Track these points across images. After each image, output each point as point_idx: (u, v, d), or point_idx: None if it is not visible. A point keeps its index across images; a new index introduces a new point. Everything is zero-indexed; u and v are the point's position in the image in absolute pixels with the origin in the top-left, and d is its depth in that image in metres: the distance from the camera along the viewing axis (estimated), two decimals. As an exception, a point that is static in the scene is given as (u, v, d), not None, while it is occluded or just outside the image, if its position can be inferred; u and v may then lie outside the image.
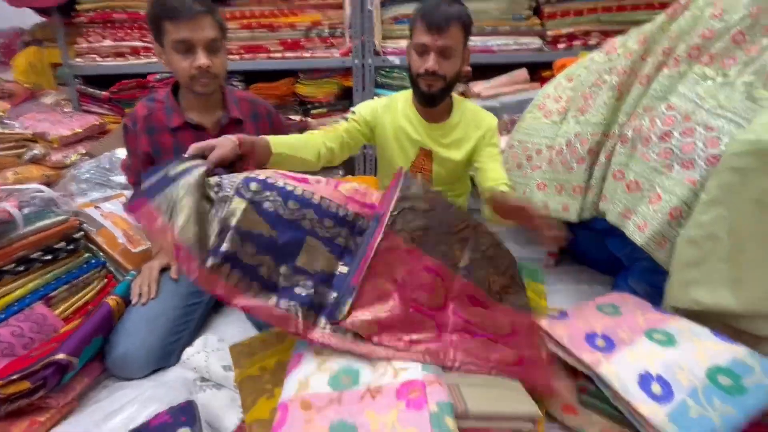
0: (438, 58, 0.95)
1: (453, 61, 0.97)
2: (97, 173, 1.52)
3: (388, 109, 1.11)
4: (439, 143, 1.09)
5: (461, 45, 0.97)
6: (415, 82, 1.00)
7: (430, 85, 0.98)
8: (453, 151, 1.09)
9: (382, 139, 1.12)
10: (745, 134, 0.67)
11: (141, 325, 0.87)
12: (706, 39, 0.83)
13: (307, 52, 1.70)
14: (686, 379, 0.63)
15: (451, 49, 0.95)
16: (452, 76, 0.99)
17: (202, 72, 0.95)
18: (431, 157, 1.10)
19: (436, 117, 1.08)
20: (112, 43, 1.77)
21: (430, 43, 0.94)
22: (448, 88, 1.01)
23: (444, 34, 0.92)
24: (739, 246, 0.69)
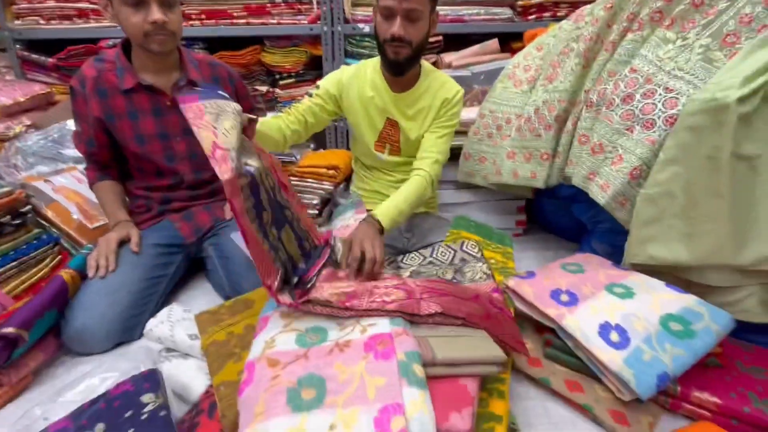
0: (404, 22, 0.92)
1: (419, 25, 0.94)
2: (46, 146, 1.41)
3: (356, 77, 1.08)
4: (403, 114, 1.07)
5: (427, 8, 0.94)
6: (382, 48, 0.97)
7: (397, 52, 0.95)
8: (416, 123, 1.08)
9: (350, 109, 1.09)
10: (699, 94, 0.69)
11: (99, 299, 0.83)
12: (667, 3, 0.84)
13: (273, 18, 1.62)
14: (642, 327, 0.67)
15: (417, 12, 0.91)
16: (419, 41, 0.96)
17: (158, 28, 0.88)
18: (398, 128, 1.08)
19: (403, 86, 1.05)
20: (55, 4, 1.62)
21: (395, 6, 0.90)
22: (416, 55, 0.98)
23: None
24: (692, 202, 0.73)
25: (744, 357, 0.72)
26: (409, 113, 1.08)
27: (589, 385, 0.68)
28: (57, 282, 0.80)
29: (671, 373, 0.62)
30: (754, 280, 0.73)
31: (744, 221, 0.69)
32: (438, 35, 1.60)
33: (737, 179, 0.68)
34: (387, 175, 1.16)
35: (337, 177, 1.49)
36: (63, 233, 1.11)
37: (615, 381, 0.65)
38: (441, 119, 1.08)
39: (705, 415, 0.64)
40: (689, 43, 0.79)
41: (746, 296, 0.74)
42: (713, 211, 0.71)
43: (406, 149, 1.12)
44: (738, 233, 0.69)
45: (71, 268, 0.87)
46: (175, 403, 0.65)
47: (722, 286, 0.75)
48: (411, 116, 1.08)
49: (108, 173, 1.06)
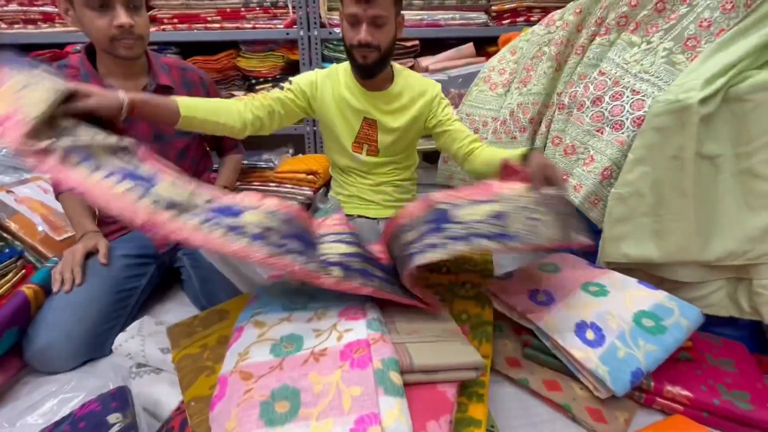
0: (369, 28, 0.92)
1: (386, 29, 0.94)
2: (8, 155, 1.35)
3: (328, 79, 1.07)
4: (382, 111, 1.07)
5: (393, 12, 0.94)
6: (351, 53, 0.97)
7: (365, 57, 0.95)
8: (397, 118, 1.07)
9: (324, 111, 1.08)
10: (664, 95, 0.72)
11: (65, 314, 0.79)
12: (632, 8, 0.87)
13: (248, 23, 1.59)
14: (616, 324, 0.68)
15: (383, 18, 0.91)
16: (387, 45, 0.96)
17: (124, 32, 0.85)
18: (376, 127, 1.08)
19: (378, 85, 1.05)
20: (18, 8, 1.56)
21: (360, 14, 0.90)
22: (384, 57, 0.98)
23: (373, 3, 0.89)
24: (660, 200, 0.75)
25: (713, 350, 0.74)
26: (388, 109, 1.07)
27: (567, 384, 0.69)
28: (18, 299, 0.76)
29: (644, 369, 0.63)
30: (720, 275, 0.75)
31: (708, 218, 0.72)
32: (414, 40, 1.61)
33: (701, 178, 0.71)
34: (364, 179, 1.16)
35: (317, 182, 1.48)
36: (27, 246, 1.06)
37: (591, 379, 0.65)
38: (444, 111, 1.07)
39: (678, 409, 0.66)
40: (653, 46, 0.82)
41: (713, 291, 0.76)
42: (680, 209, 0.73)
43: (384, 149, 1.11)
44: (703, 230, 0.72)
45: (34, 283, 0.83)
46: (147, 421, 0.62)
47: (691, 282, 0.78)
48: (390, 112, 1.08)
49: (74, 183, 1.02)
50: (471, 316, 0.78)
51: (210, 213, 0.57)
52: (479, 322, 0.76)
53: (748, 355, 0.74)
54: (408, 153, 1.16)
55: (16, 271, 0.99)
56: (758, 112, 0.68)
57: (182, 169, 1.05)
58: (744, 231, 0.70)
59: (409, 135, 1.11)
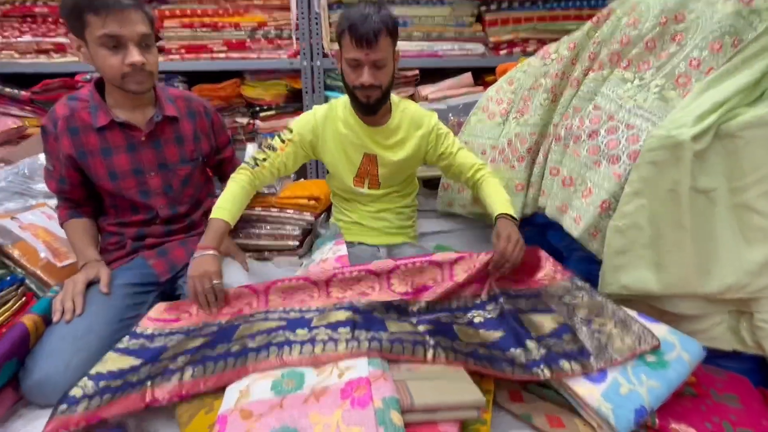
0: (371, 70, 0.94)
1: (386, 69, 0.97)
2: (15, 181, 1.37)
3: (328, 118, 1.08)
4: (381, 146, 1.09)
5: (392, 51, 0.97)
6: (353, 93, 1.00)
7: (368, 96, 0.97)
8: (397, 152, 1.09)
9: (325, 149, 1.10)
10: (657, 130, 0.74)
11: (64, 345, 0.78)
12: (624, 45, 0.90)
13: (253, 53, 1.65)
14: (618, 359, 0.68)
15: (383, 60, 0.94)
16: (388, 82, 0.99)
17: (136, 69, 0.89)
18: (376, 161, 1.10)
19: (377, 120, 1.07)
20: (32, 39, 1.61)
21: (362, 58, 0.92)
22: (386, 94, 1.01)
23: (374, 47, 0.91)
24: (658, 233, 0.76)
25: (717, 384, 0.74)
26: (387, 144, 1.09)
27: (570, 420, 0.68)
28: (18, 329, 0.76)
29: (648, 406, 0.62)
30: (721, 308, 0.75)
31: (706, 251, 0.72)
32: (415, 69, 1.66)
33: (697, 211, 0.72)
34: (366, 206, 1.17)
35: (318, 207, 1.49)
36: (29, 273, 1.06)
37: (595, 416, 0.65)
38: (443, 149, 1.10)
39: (683, 447, 0.64)
40: (646, 83, 0.85)
41: (715, 324, 0.76)
42: (677, 242, 0.74)
43: (385, 181, 1.13)
44: (702, 263, 0.72)
45: (35, 313, 0.82)
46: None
47: (693, 315, 0.78)
48: (389, 147, 1.10)
49: (80, 211, 1.04)
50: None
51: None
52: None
53: (753, 390, 0.73)
54: (408, 182, 1.18)
55: (17, 298, 0.99)
56: (750, 148, 0.69)
57: (186, 195, 1.08)
58: (742, 265, 0.71)
59: (408, 167, 1.13)
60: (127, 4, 0.85)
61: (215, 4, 1.64)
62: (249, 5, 1.64)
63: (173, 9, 1.63)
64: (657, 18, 0.85)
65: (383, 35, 0.91)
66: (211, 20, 1.63)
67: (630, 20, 0.90)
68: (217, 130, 1.15)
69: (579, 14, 1.60)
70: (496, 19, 1.65)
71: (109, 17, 0.84)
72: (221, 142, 1.18)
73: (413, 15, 1.64)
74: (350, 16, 0.92)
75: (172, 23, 1.63)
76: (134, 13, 0.86)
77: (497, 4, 1.65)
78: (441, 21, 1.65)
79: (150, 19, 0.91)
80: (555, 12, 1.62)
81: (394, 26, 0.95)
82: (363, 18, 0.90)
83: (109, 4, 0.83)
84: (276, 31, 1.64)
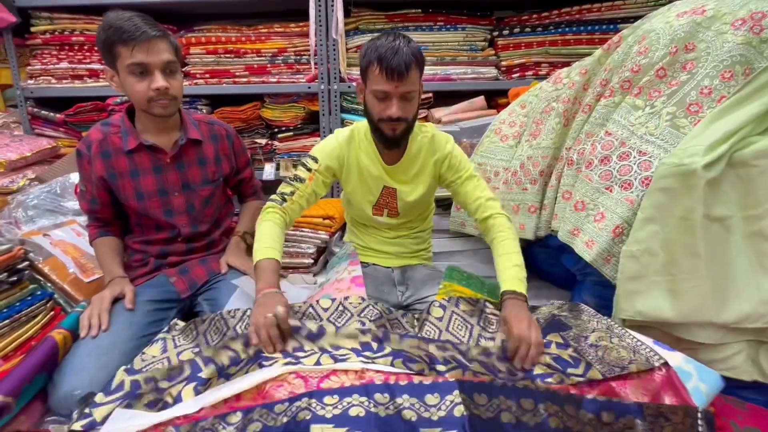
0: (400, 103, 0.91)
1: (414, 102, 0.94)
2: (47, 199, 1.45)
3: (351, 144, 1.06)
4: (400, 181, 1.08)
5: (419, 84, 0.95)
6: (377, 126, 0.96)
7: (394, 129, 0.94)
8: (415, 186, 1.08)
9: (348, 178, 1.08)
10: (669, 158, 0.74)
11: (90, 360, 0.82)
12: (634, 73, 0.92)
13: (273, 77, 1.72)
14: (633, 387, 0.67)
15: (412, 93, 0.92)
16: (415, 114, 0.97)
17: (161, 94, 0.95)
18: (395, 195, 1.09)
19: (394, 157, 1.05)
20: (68, 66, 1.72)
21: (392, 91, 0.89)
22: (411, 126, 0.98)
23: (405, 80, 0.88)
24: (672, 259, 0.75)
25: (738, 416, 0.72)
26: (405, 179, 1.08)
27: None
28: (48, 344, 0.80)
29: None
30: (739, 337, 0.74)
31: (723, 279, 0.72)
32: (428, 92, 1.70)
33: (712, 239, 0.72)
34: (382, 233, 1.18)
35: (333, 226, 1.52)
36: (58, 288, 1.11)
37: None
38: (454, 173, 1.05)
39: (703, 482, 0.63)
40: (657, 110, 0.86)
41: (734, 353, 0.75)
42: (692, 270, 0.73)
43: (404, 212, 1.12)
44: (718, 291, 0.72)
45: (64, 328, 0.86)
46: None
47: (711, 343, 0.76)
48: (407, 180, 1.08)
49: (108, 230, 1.09)
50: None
51: None
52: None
53: (775, 424, 0.71)
54: (426, 205, 1.19)
55: (46, 312, 1.04)
56: (765, 177, 0.69)
57: (207, 214, 1.12)
58: (760, 294, 0.70)
59: (428, 196, 1.12)
60: (152, 34, 0.91)
61: (238, 32, 1.72)
62: (270, 32, 1.72)
63: (199, 37, 1.72)
64: (667, 47, 0.87)
65: (413, 68, 0.89)
66: (234, 47, 1.71)
67: (641, 48, 0.92)
68: (238, 152, 1.20)
69: (591, 39, 1.62)
70: (509, 44, 1.69)
71: (136, 47, 0.90)
72: (241, 164, 1.23)
73: (427, 41, 1.69)
74: (379, 48, 0.88)
75: (197, 50, 1.72)
76: (160, 43, 0.93)
77: (509, 30, 1.69)
78: (455, 46, 1.70)
79: (175, 47, 0.98)
80: (567, 36, 1.64)
81: (422, 59, 0.93)
82: (393, 50, 0.87)
83: (136, 35, 0.89)
84: (295, 57, 1.72)
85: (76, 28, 1.70)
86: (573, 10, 1.64)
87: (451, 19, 1.69)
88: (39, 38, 1.72)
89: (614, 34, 1.06)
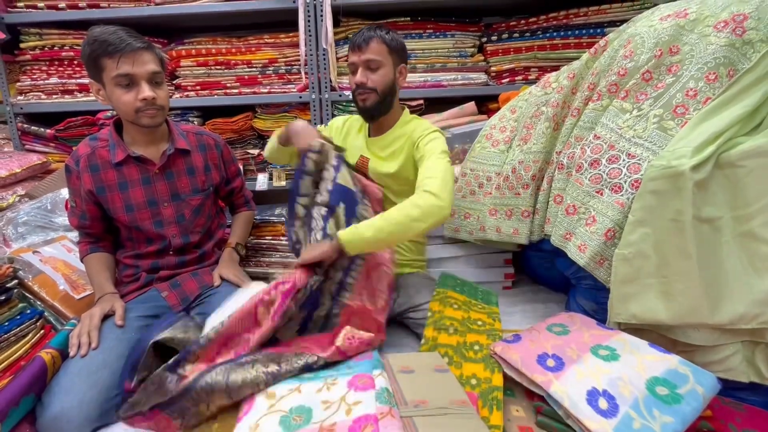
0: (365, 71, 1.04)
1: (381, 72, 1.05)
2: (38, 215, 1.43)
3: (346, 122, 1.25)
4: (375, 155, 1.17)
5: (387, 58, 1.05)
6: (354, 100, 1.10)
7: (364, 99, 1.06)
8: (388, 163, 1.14)
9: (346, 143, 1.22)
10: (657, 160, 0.75)
11: (79, 380, 0.80)
12: (621, 77, 0.93)
13: (264, 88, 1.72)
14: (629, 391, 0.67)
15: (376, 62, 1.03)
16: (384, 87, 1.06)
17: (148, 104, 0.95)
18: (367, 165, 1.17)
19: (378, 130, 1.17)
20: (58, 81, 1.72)
21: (356, 60, 1.04)
22: (383, 100, 1.08)
23: (365, 48, 1.02)
24: (664, 261, 0.75)
25: (736, 418, 0.71)
26: (382, 155, 1.16)
27: (583, 456, 0.66)
28: (36, 364, 0.78)
29: (662, 442, 0.61)
30: (735, 339, 0.74)
31: (715, 280, 0.72)
32: (419, 99, 1.71)
33: (703, 240, 0.72)
34: None
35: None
36: (47, 306, 1.09)
37: (607, 453, 0.63)
38: (418, 153, 1.05)
39: (703, 487, 0.62)
40: (644, 113, 0.86)
41: (730, 355, 0.74)
42: (684, 271, 0.73)
43: (388, 190, 1.16)
44: (711, 292, 0.71)
45: (53, 347, 0.85)
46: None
47: (706, 345, 0.76)
48: (384, 157, 1.16)
49: (99, 246, 1.08)
50: (480, 380, 0.77)
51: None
52: (489, 388, 0.75)
53: (774, 425, 0.70)
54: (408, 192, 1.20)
55: (36, 331, 1.02)
56: (752, 177, 0.70)
57: (198, 224, 1.11)
58: (753, 294, 0.70)
59: (398, 180, 1.14)
60: (137, 46, 0.92)
61: (228, 44, 1.73)
62: (260, 43, 1.72)
63: (189, 49, 1.72)
64: (652, 50, 0.88)
65: (375, 40, 1.03)
66: (224, 58, 1.71)
67: (626, 52, 0.93)
68: (227, 161, 1.20)
69: (578, 43, 1.64)
70: (498, 50, 1.70)
71: (122, 58, 0.91)
72: (231, 173, 1.23)
73: (417, 48, 1.70)
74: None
75: (188, 62, 1.72)
76: (145, 54, 0.94)
77: (498, 35, 1.70)
78: (444, 53, 1.71)
79: (160, 59, 0.99)
80: (555, 41, 1.66)
81: (392, 39, 1.05)
82: (362, 30, 1.06)
83: (121, 47, 0.91)
84: (286, 67, 1.72)
85: (65, 44, 1.70)
86: (560, 15, 1.66)
87: (440, 26, 1.70)
88: (28, 54, 1.71)
89: (601, 38, 1.07)
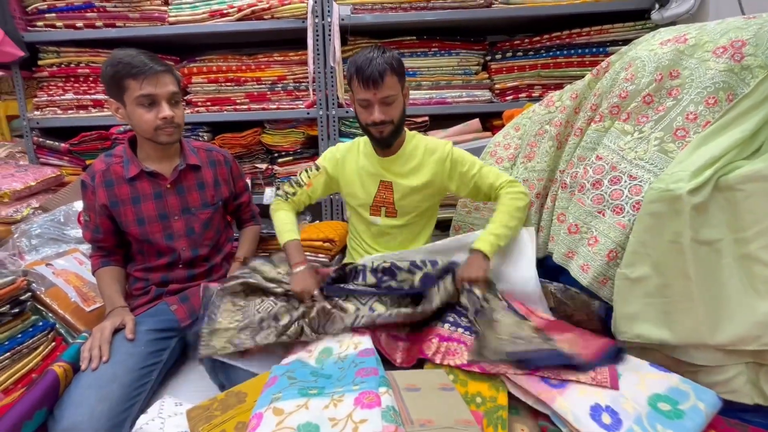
0: (381, 107, 1.02)
1: (395, 105, 1.04)
2: (51, 227, 1.47)
3: (350, 151, 1.20)
4: (396, 173, 1.15)
5: (399, 88, 1.04)
6: (367, 130, 1.08)
7: (381, 132, 1.06)
8: (411, 178, 1.14)
9: (346, 180, 1.19)
10: (656, 183, 0.76)
11: (90, 393, 0.82)
12: (622, 99, 0.95)
13: (273, 104, 1.76)
14: (631, 407, 0.68)
15: (391, 97, 1.02)
16: (398, 117, 1.07)
17: (167, 122, 1.01)
18: (391, 189, 1.16)
19: (389, 151, 1.15)
20: (73, 96, 1.77)
21: (370, 98, 1.01)
22: (398, 128, 1.09)
23: (381, 86, 0.98)
24: (665, 282, 0.76)
25: (741, 440, 0.71)
26: (402, 171, 1.15)
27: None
28: (48, 378, 0.80)
29: (666, 462, 0.61)
30: (738, 360, 0.74)
31: (716, 302, 0.72)
32: (424, 116, 1.74)
33: (702, 262, 0.73)
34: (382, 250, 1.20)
35: (333, 249, 1.53)
36: (59, 318, 1.12)
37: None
38: (460, 167, 1.13)
39: None
40: (645, 135, 0.88)
41: (734, 376, 0.75)
42: (685, 292, 0.74)
43: (402, 210, 1.17)
44: (711, 314, 0.72)
45: (64, 361, 0.87)
46: None
47: (710, 366, 0.77)
48: (404, 174, 1.15)
49: (111, 259, 1.11)
50: (486, 399, 0.78)
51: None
52: (494, 407, 0.75)
53: (779, 447, 0.70)
54: (426, 221, 1.22)
55: (47, 343, 1.04)
56: (751, 201, 0.71)
57: (207, 238, 1.14)
58: (754, 316, 0.70)
59: (427, 195, 1.17)
60: (159, 69, 0.98)
61: (239, 62, 1.78)
62: (270, 61, 1.77)
63: (200, 66, 1.78)
64: (652, 74, 0.90)
65: (388, 74, 0.99)
66: (234, 75, 1.76)
67: (628, 75, 0.95)
68: (236, 177, 1.24)
69: (581, 61, 1.67)
70: (502, 68, 1.74)
71: (145, 80, 0.97)
72: (239, 188, 1.27)
73: (422, 66, 1.74)
74: (356, 61, 1.00)
75: (199, 79, 1.77)
76: (165, 76, 1.00)
77: (502, 54, 1.74)
78: (449, 70, 1.75)
79: (177, 80, 1.05)
80: (558, 59, 1.69)
81: (398, 65, 1.02)
82: (368, 61, 0.98)
83: (145, 69, 0.96)
84: (294, 84, 1.76)
85: (81, 61, 1.76)
86: (563, 35, 1.70)
87: (446, 44, 1.74)
88: (46, 71, 1.77)
89: (603, 57, 1.09)
